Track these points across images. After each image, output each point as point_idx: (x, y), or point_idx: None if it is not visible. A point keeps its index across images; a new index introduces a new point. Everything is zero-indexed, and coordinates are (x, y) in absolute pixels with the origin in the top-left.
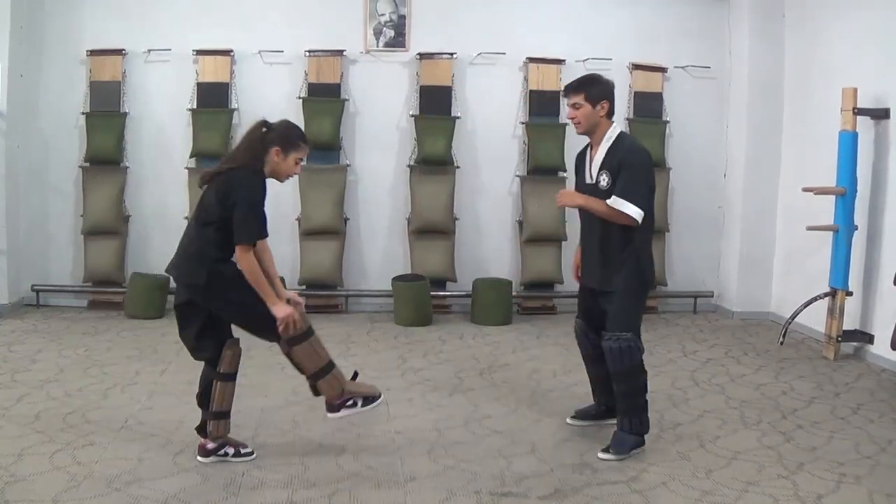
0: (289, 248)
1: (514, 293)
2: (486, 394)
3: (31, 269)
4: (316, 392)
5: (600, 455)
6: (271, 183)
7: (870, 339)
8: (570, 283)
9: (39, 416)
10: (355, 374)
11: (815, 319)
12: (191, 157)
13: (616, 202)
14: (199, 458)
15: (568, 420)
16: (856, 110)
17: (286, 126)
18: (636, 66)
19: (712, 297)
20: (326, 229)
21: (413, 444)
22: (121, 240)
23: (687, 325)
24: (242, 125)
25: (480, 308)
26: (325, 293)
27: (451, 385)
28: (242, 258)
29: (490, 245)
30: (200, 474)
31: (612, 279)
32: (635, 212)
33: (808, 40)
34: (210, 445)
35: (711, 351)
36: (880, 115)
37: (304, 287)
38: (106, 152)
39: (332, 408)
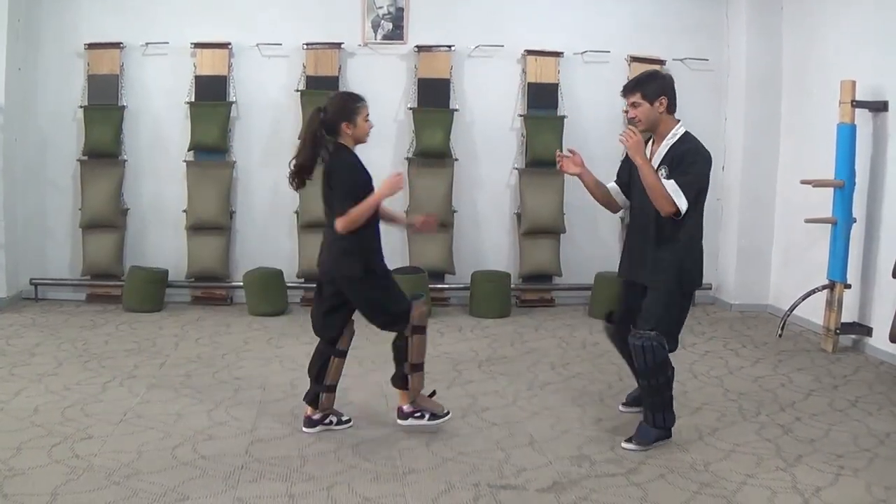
0: (287, 240)
1: (512, 286)
2: (485, 386)
3: (29, 263)
4: (399, 383)
5: (624, 445)
6: (269, 177)
7: (868, 331)
8: (569, 276)
9: (38, 410)
10: (433, 392)
11: (814, 312)
12: (189, 150)
13: (670, 186)
14: (304, 429)
15: (620, 407)
16: (854, 103)
17: (340, 98)
18: (634, 59)
19: (710, 289)
20: (325, 222)
21: (411, 437)
22: (119, 233)
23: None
24: (241, 118)
25: (479, 300)
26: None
27: (449, 377)
28: (339, 223)
29: (488, 238)
30: (199, 467)
31: (656, 276)
32: (683, 203)
33: (807, 33)
34: (316, 416)
35: (709, 343)
36: (878, 107)
37: (302, 280)
38: (104, 146)
39: (403, 415)
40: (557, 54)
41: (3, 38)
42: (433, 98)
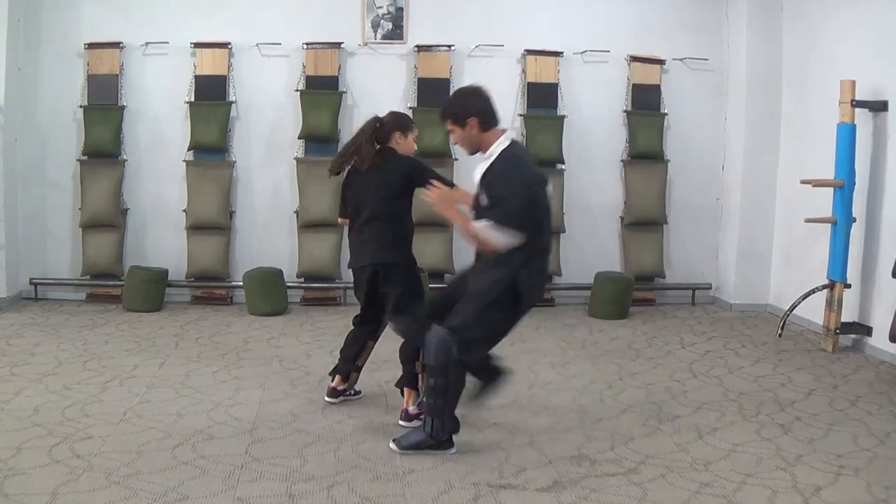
0: (287, 240)
1: None
2: None
3: (29, 263)
4: (407, 383)
5: (390, 444)
6: (269, 177)
7: (868, 331)
8: (569, 276)
9: (38, 410)
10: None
11: (814, 311)
12: (189, 149)
13: (488, 230)
14: (327, 398)
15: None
16: (854, 102)
17: (397, 114)
18: (634, 59)
19: (710, 289)
20: (325, 222)
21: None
22: (119, 233)
23: (685, 317)
24: (240, 118)
25: None
26: (323, 286)
27: None
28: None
29: None
30: (199, 467)
31: (478, 278)
32: (507, 239)
33: (807, 33)
34: (341, 388)
35: (709, 343)
36: (878, 107)
37: (301, 279)
38: (104, 145)
39: (408, 417)
40: (557, 54)
41: (3, 38)
42: (433, 98)
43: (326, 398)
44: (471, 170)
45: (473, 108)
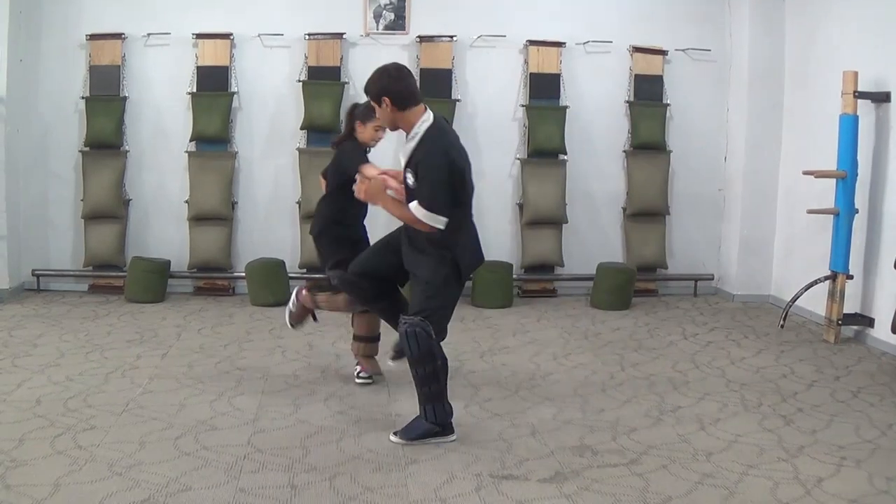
0: (289, 231)
1: (514, 276)
2: (487, 377)
3: (31, 254)
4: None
5: (391, 437)
6: (271, 168)
7: (870, 322)
8: (571, 266)
9: (40, 401)
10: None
11: (816, 303)
12: (191, 140)
13: (420, 212)
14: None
15: (389, 362)
16: (856, 93)
17: (365, 104)
18: (637, 49)
19: (713, 280)
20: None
21: None
22: (121, 224)
23: (687, 308)
24: (242, 109)
25: (481, 291)
26: (326, 276)
27: (451, 368)
28: None
29: (490, 228)
30: (202, 458)
31: (419, 262)
32: (439, 221)
33: (809, 23)
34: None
35: (712, 334)
36: (881, 98)
37: (304, 270)
38: (106, 136)
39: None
40: (559, 44)
41: (5, 30)
42: (435, 88)
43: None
44: (471, 164)
45: (386, 89)
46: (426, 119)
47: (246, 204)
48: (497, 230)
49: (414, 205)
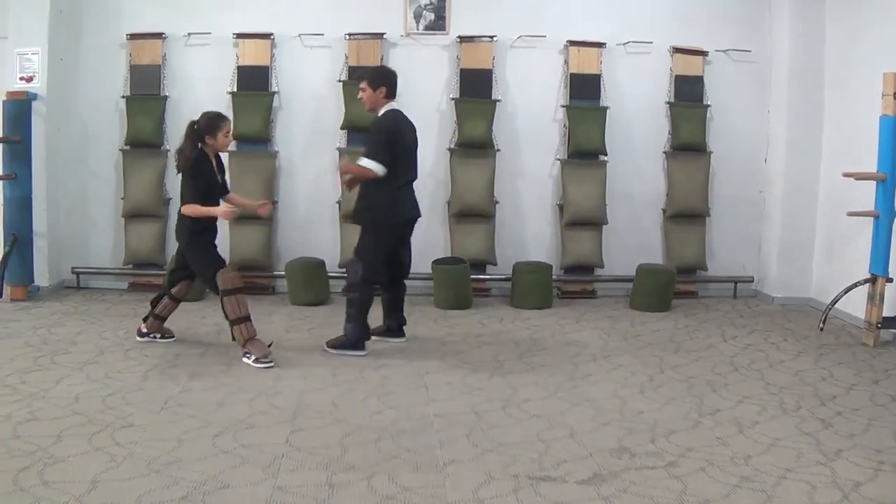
0: (329, 231)
1: (554, 277)
2: (525, 377)
3: (71, 252)
4: (233, 337)
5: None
6: (311, 167)
7: None
8: (611, 268)
9: (79, 398)
10: (270, 343)
11: (855, 306)
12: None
13: (365, 162)
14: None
15: (374, 336)
16: None
17: (206, 116)
18: (677, 50)
19: (752, 282)
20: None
21: (452, 427)
22: (161, 222)
23: (727, 311)
24: (283, 108)
25: (520, 292)
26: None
27: (490, 368)
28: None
29: (530, 228)
30: (240, 456)
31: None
32: (377, 167)
33: (849, 24)
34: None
35: (751, 336)
36: None
37: (344, 270)
38: (146, 135)
39: (243, 355)
40: (600, 45)
41: (46, 29)
42: (475, 89)
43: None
44: (512, 164)
45: (386, 80)
46: (389, 108)
47: (286, 203)
48: (537, 231)
49: (360, 159)
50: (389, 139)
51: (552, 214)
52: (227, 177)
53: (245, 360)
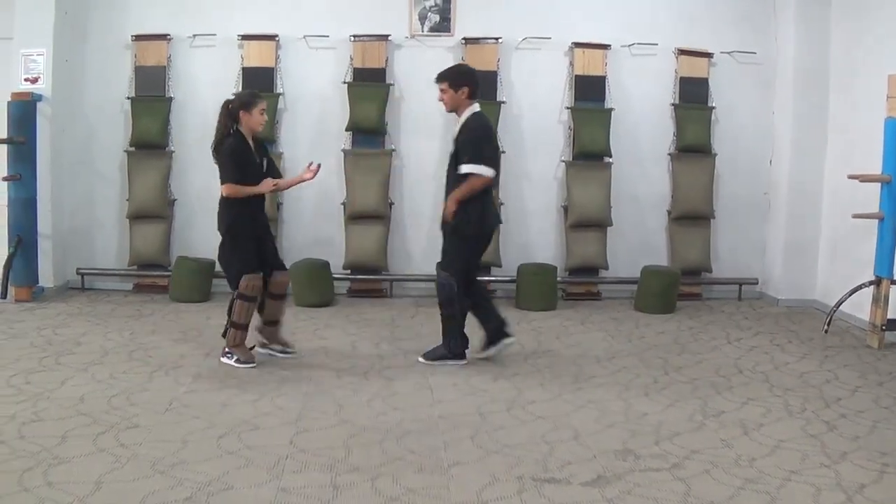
0: (334, 231)
1: (558, 279)
2: (530, 379)
3: (76, 253)
4: (224, 334)
5: (419, 358)
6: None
7: None
8: (615, 269)
9: (84, 399)
10: (253, 346)
11: (860, 308)
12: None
13: (467, 168)
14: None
15: (475, 354)
16: None
17: (240, 93)
18: (682, 52)
19: (757, 284)
20: (372, 214)
21: (456, 429)
22: (166, 224)
23: (731, 312)
24: (288, 110)
25: (525, 293)
26: (370, 277)
27: (494, 370)
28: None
29: (535, 230)
30: (244, 457)
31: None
32: (483, 170)
33: (855, 26)
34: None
35: (756, 338)
36: None
37: (349, 271)
38: (151, 137)
39: (223, 353)
40: (605, 47)
41: (51, 30)
42: (481, 90)
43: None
44: (517, 166)
45: (470, 81)
46: (473, 108)
47: (291, 204)
48: (541, 232)
49: (460, 167)
50: (489, 139)
51: (557, 216)
52: (267, 162)
53: (224, 359)
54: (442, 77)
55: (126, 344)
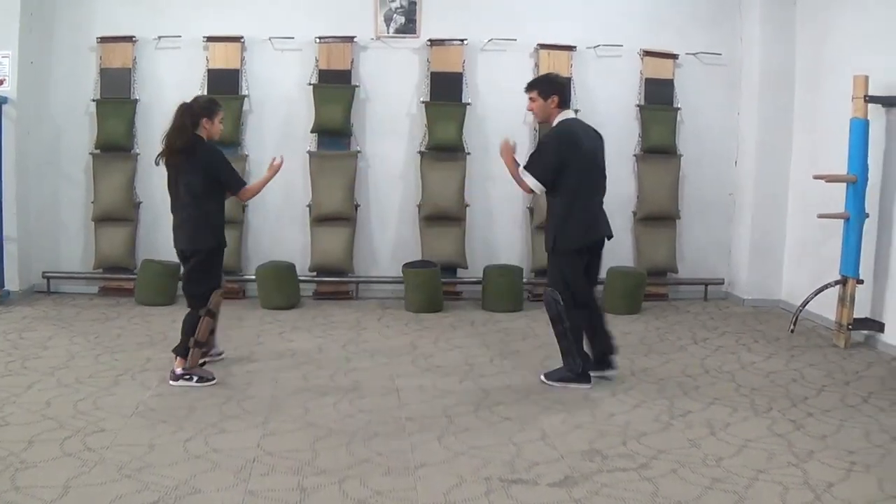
0: (300, 234)
1: (524, 280)
2: (497, 380)
3: (41, 256)
4: (180, 352)
5: (542, 377)
6: (280, 173)
7: (880, 327)
8: None
9: (50, 403)
10: (204, 362)
11: (826, 307)
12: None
13: (522, 173)
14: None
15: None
16: (867, 98)
17: (205, 100)
18: (647, 53)
19: (723, 284)
20: (337, 216)
21: (423, 431)
22: (131, 226)
23: (697, 313)
24: (253, 112)
25: (491, 294)
26: (336, 279)
27: (461, 371)
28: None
29: (501, 232)
30: (211, 461)
31: (546, 243)
32: (531, 182)
33: (820, 27)
34: (179, 371)
35: (722, 338)
36: (891, 102)
37: (314, 273)
38: (116, 139)
39: (175, 377)
40: (570, 48)
41: (16, 32)
42: (446, 92)
43: (170, 382)
44: (482, 168)
45: (560, 89)
46: (563, 116)
47: (257, 207)
48: (507, 234)
49: (520, 167)
50: (558, 153)
51: (522, 217)
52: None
53: (180, 382)
54: (531, 86)
55: (92, 348)
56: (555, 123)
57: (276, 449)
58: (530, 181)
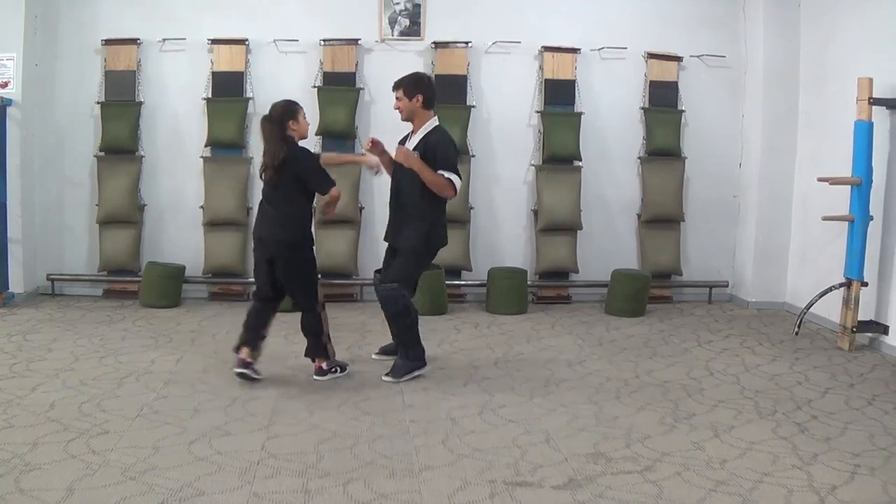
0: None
1: (529, 282)
2: (501, 383)
3: (46, 258)
4: (319, 353)
5: (383, 377)
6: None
7: (885, 329)
8: (586, 273)
9: (54, 405)
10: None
11: (831, 310)
12: (206, 146)
13: (444, 172)
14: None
15: (373, 355)
16: (871, 100)
17: (282, 105)
18: (651, 55)
19: (727, 286)
20: (342, 218)
21: (428, 433)
22: (136, 229)
23: (702, 315)
24: (257, 114)
25: (495, 297)
26: (341, 282)
27: (465, 374)
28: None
29: (505, 234)
30: (215, 463)
31: (404, 236)
32: (458, 182)
33: (824, 29)
34: (249, 358)
35: (726, 341)
36: None
37: (320, 276)
38: (121, 141)
39: (322, 372)
40: (574, 51)
41: (21, 34)
42: (450, 94)
43: (236, 370)
44: (487, 170)
45: (425, 89)
46: (434, 121)
47: (256, 207)
48: (512, 236)
49: (441, 171)
50: (455, 153)
51: (527, 220)
52: None
53: (328, 377)
54: (397, 85)
55: (96, 350)
56: (429, 129)
57: (281, 451)
58: (455, 180)
